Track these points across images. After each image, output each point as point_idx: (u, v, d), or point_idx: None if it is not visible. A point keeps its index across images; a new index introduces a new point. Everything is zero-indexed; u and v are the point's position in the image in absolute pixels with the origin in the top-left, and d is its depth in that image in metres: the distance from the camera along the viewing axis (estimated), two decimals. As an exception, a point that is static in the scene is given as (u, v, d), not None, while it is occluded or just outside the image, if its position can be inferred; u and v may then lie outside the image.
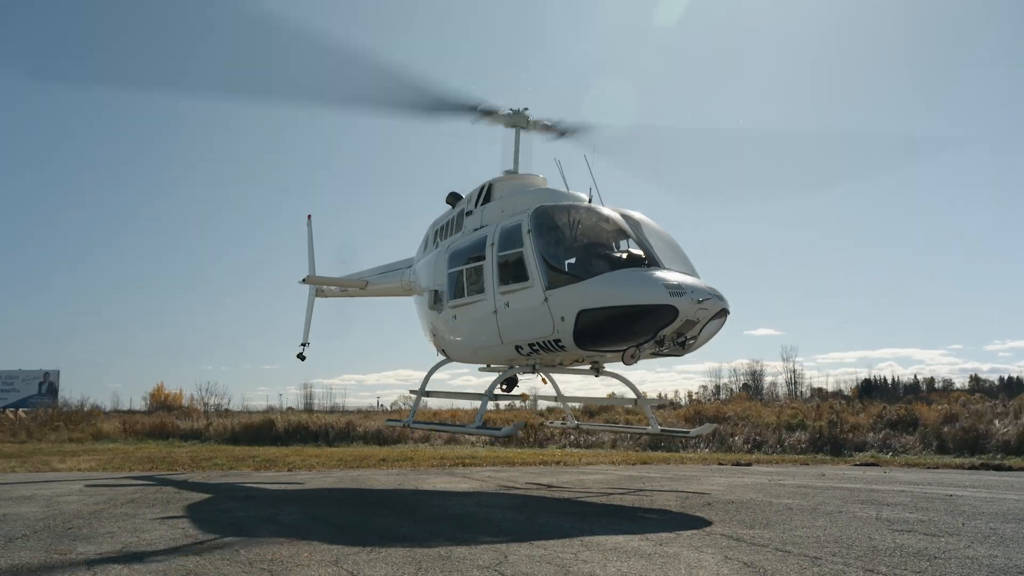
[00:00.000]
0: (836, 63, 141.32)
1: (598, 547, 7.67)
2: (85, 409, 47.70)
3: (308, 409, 75.03)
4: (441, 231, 16.06)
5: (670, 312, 11.00)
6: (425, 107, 14.29)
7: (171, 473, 18.76)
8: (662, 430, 15.35)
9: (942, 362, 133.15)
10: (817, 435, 28.39)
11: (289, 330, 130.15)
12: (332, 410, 76.89)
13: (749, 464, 22.66)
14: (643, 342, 11.51)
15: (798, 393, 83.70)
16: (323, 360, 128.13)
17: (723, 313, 11.76)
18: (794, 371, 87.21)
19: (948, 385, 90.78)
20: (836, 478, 16.86)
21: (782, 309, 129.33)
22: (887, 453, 25.65)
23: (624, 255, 12.10)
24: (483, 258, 13.22)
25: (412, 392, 16.31)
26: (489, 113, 15.12)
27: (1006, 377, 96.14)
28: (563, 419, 17.69)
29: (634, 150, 14.92)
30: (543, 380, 15.28)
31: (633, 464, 22.66)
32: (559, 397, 17.34)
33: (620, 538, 8.25)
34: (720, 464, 22.93)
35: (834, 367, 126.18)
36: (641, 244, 12.05)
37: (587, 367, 14.35)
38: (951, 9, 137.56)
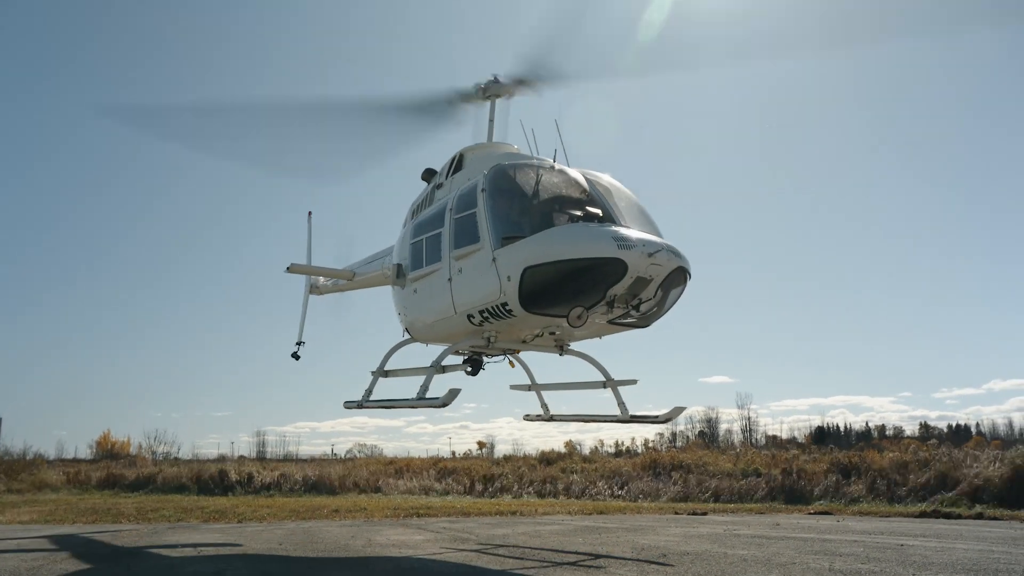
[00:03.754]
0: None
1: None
2: (28, 458, 46.13)
3: (261, 457, 73.54)
4: (417, 210, 15.37)
5: (617, 266, 10.31)
6: (402, 111, 14.15)
7: (116, 526, 18.18)
8: (631, 416, 14.57)
9: (892, 409, 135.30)
10: (773, 483, 28.55)
11: (243, 376, 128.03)
12: (285, 458, 75.57)
13: (705, 513, 22.67)
14: (591, 302, 10.77)
15: (753, 440, 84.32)
16: (276, 406, 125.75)
17: (681, 274, 11.02)
18: (749, 418, 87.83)
19: (899, 432, 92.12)
20: (790, 528, 16.94)
21: (736, 356, 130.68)
22: (841, 501, 25.86)
23: (579, 212, 11.47)
24: (442, 224, 12.73)
25: (372, 373, 15.48)
26: (465, 97, 14.61)
27: (954, 424, 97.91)
28: (540, 410, 16.50)
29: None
30: (510, 363, 14.75)
31: (590, 514, 22.54)
32: (532, 384, 16.36)
33: (575, 593, 8.17)
34: (676, 513, 22.91)
35: (787, 414, 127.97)
36: (599, 202, 11.44)
37: (551, 344, 13.50)
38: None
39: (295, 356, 20.33)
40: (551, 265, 10.56)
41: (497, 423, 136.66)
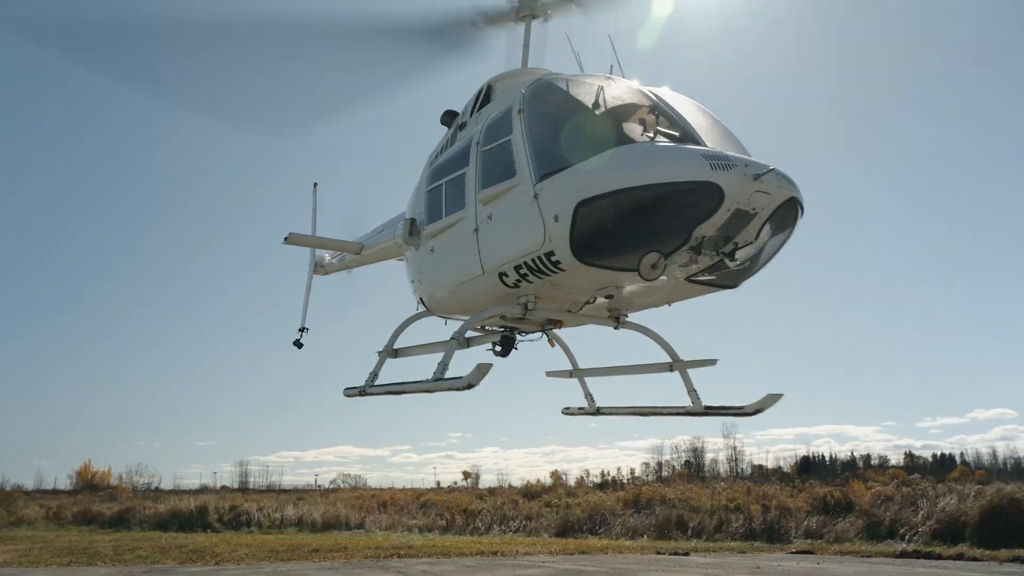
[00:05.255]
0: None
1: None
2: (6, 489, 45.69)
3: (243, 488, 72.91)
4: (435, 159, 12.77)
5: (710, 193, 7.85)
6: (416, 33, 11.73)
7: (92, 570, 17.99)
8: (707, 408, 11.81)
9: (876, 439, 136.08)
10: (756, 520, 28.56)
11: (227, 405, 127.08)
12: (268, 488, 74.95)
13: (687, 554, 22.64)
14: (671, 247, 8.28)
15: (739, 470, 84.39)
16: (259, 436, 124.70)
17: (793, 208, 8.42)
18: (735, 448, 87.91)
19: (884, 462, 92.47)
20: (771, 572, 16.95)
21: (722, 386, 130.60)
22: (823, 539, 25.87)
23: (648, 130, 9.09)
24: (466, 163, 10.41)
25: (378, 353, 13.03)
26: (492, 18, 12.06)
27: (939, 454, 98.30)
28: (584, 401, 13.94)
29: None
30: (549, 342, 12.15)
31: (572, 554, 22.46)
32: (574, 369, 13.68)
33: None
34: (659, 553, 22.86)
35: (773, 443, 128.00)
36: (673, 118, 8.97)
37: (604, 315, 11.12)
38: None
39: (297, 344, 18.36)
40: (615, 196, 8.17)
41: (483, 452, 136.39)
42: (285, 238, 16.18)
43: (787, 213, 8.37)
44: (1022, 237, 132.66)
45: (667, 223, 8.18)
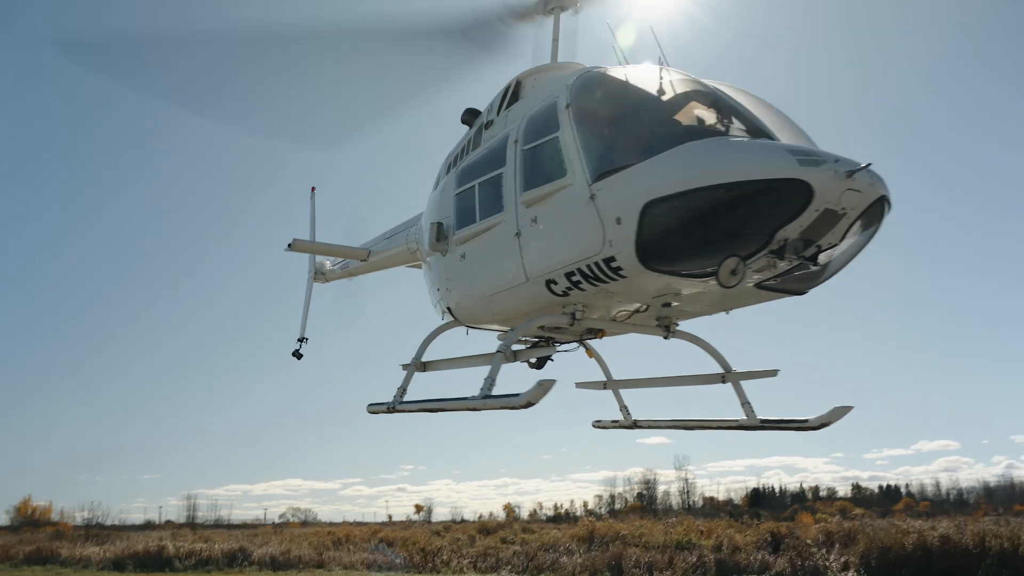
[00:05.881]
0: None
1: None
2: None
3: (191, 523, 71.66)
4: (457, 159, 12.12)
5: (799, 191, 7.25)
6: (445, 34, 11.31)
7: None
8: (762, 421, 10.98)
9: (825, 470, 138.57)
10: (706, 559, 29.36)
11: (172, 436, 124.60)
12: (217, 524, 73.66)
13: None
14: (751, 250, 7.65)
15: (691, 503, 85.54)
16: (207, 468, 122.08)
17: (880, 208, 7.80)
18: (687, 480, 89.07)
19: (832, 494, 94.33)
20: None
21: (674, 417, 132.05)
22: None
23: (717, 125, 8.49)
24: (503, 163, 9.75)
25: (403, 367, 12.14)
26: (520, 13, 11.53)
27: (884, 485, 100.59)
28: (620, 414, 13.03)
29: None
30: (588, 354, 11.58)
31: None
32: (608, 381, 12.83)
33: None
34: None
35: (724, 475, 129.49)
36: (740, 111, 8.40)
37: (652, 324, 10.34)
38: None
39: (297, 355, 17.51)
40: (691, 195, 7.54)
41: (435, 485, 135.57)
42: (289, 244, 15.51)
43: (875, 212, 7.75)
44: (966, 271, 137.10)
45: (749, 224, 7.58)
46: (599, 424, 13.61)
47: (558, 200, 8.73)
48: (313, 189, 19.62)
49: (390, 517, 78.17)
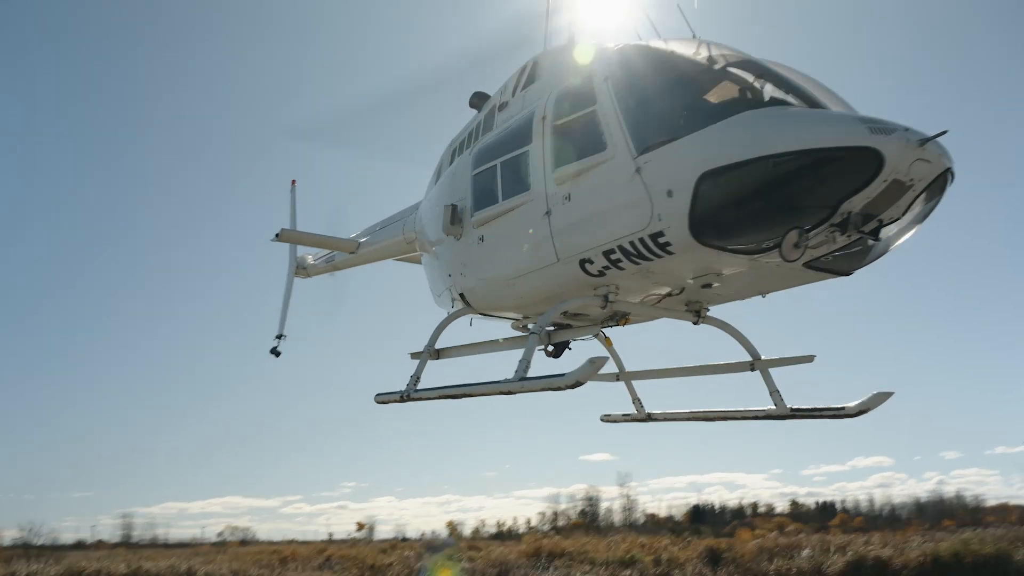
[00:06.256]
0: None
1: None
2: None
3: (126, 542, 69.81)
4: (462, 145, 11.79)
5: (870, 160, 6.90)
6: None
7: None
8: (793, 410, 10.46)
9: (764, 486, 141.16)
10: (649, 573, 30.16)
11: (108, 454, 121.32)
12: (153, 543, 71.91)
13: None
14: (814, 224, 7.32)
15: (632, 520, 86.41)
16: (141, 485, 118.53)
17: (943, 182, 7.47)
18: (629, 496, 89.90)
19: (770, 510, 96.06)
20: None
21: (617, 434, 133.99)
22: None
23: (768, 95, 8.12)
24: (528, 140, 9.37)
25: (414, 355, 11.68)
26: None
27: (821, 502, 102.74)
28: (633, 407, 12.31)
29: None
30: (607, 343, 10.99)
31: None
32: (621, 373, 12.30)
33: None
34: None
35: (666, 491, 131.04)
36: (790, 83, 8.05)
37: (681, 308, 9.91)
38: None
39: (275, 352, 16.95)
40: (754, 165, 7.14)
41: (377, 502, 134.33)
42: (276, 234, 14.85)
43: (938, 185, 7.41)
44: (895, 287, 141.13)
45: (814, 196, 7.23)
46: (608, 418, 12.96)
47: (597, 175, 8.41)
48: (294, 182, 18.80)
49: (331, 535, 77.17)
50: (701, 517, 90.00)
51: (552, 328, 10.42)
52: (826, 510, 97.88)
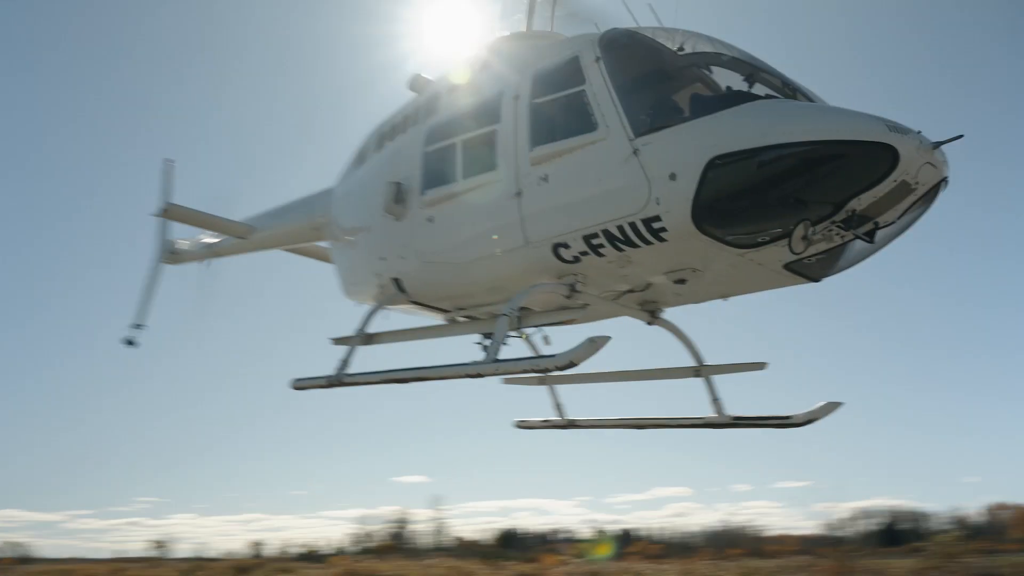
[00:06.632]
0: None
1: None
2: None
3: None
4: (395, 129, 11.20)
5: (886, 157, 6.89)
6: None
7: None
8: (735, 418, 10.14)
9: (572, 513, 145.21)
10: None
11: None
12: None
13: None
14: (819, 218, 7.29)
15: (443, 543, 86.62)
16: None
17: (936, 191, 7.61)
18: (440, 520, 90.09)
19: (575, 536, 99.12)
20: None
21: (433, 456, 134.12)
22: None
23: (767, 89, 8.12)
24: (496, 120, 9.03)
25: (337, 341, 10.71)
26: None
27: (624, 529, 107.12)
28: (555, 412, 11.66)
29: None
30: (545, 340, 10.05)
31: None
32: (544, 376, 11.71)
33: None
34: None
35: (477, 515, 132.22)
36: (779, 76, 8.16)
37: (636, 307, 9.62)
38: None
39: (130, 342, 15.40)
40: (770, 152, 6.99)
41: (175, 519, 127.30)
42: (163, 209, 13.68)
43: (932, 193, 7.49)
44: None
45: (827, 189, 7.14)
46: (524, 424, 12.37)
47: (584, 155, 8.10)
48: (168, 161, 16.68)
49: (122, 554, 72.02)
50: (510, 542, 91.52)
51: (483, 319, 10.01)
52: (627, 538, 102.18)
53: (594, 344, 7.57)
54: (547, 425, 12.05)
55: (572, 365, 7.60)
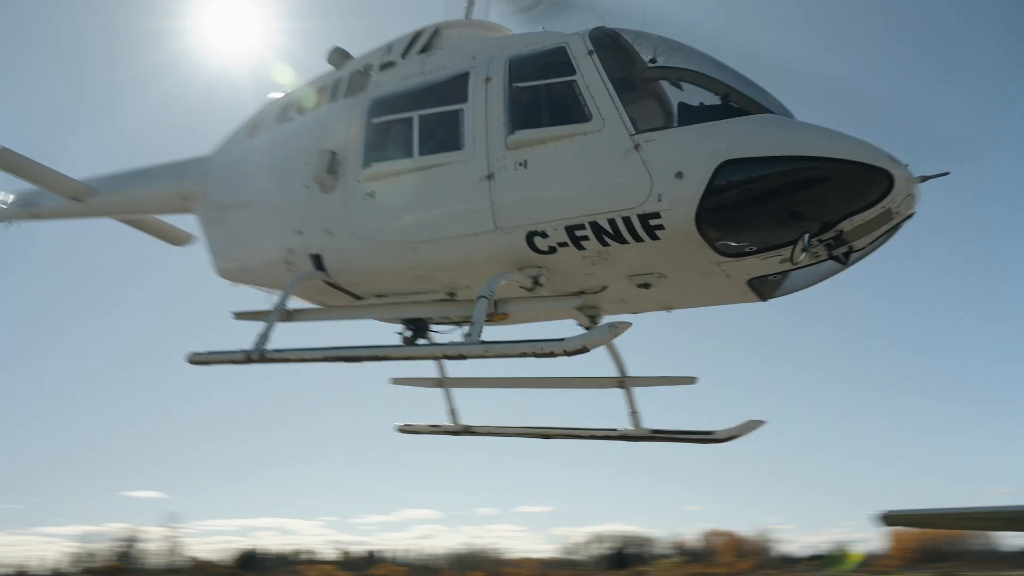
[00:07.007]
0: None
1: None
2: None
3: None
4: (308, 100, 11.01)
5: (884, 182, 7.23)
6: None
7: None
8: (653, 431, 10.00)
9: (317, 533, 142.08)
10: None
11: None
12: None
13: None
14: (820, 232, 7.45)
15: (177, 564, 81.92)
16: None
17: (897, 228, 7.92)
18: (174, 538, 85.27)
19: (318, 558, 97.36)
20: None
21: (169, 472, 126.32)
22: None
23: (762, 103, 8.14)
24: (462, 99, 8.79)
25: (243, 316, 9.97)
26: None
27: (369, 551, 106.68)
28: (449, 417, 11.13)
29: None
30: (406, 339, 9.78)
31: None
32: (444, 378, 11.28)
33: None
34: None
35: (216, 534, 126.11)
36: (765, 93, 8.31)
37: (575, 310, 9.35)
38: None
39: None
40: (785, 163, 7.21)
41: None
42: None
43: (898, 227, 7.86)
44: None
45: (826, 206, 7.35)
46: (408, 428, 11.85)
47: (575, 145, 8.02)
48: None
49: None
50: (250, 563, 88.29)
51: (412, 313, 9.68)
52: (373, 560, 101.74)
53: (613, 330, 7.51)
54: (436, 430, 11.68)
55: (584, 351, 7.38)
